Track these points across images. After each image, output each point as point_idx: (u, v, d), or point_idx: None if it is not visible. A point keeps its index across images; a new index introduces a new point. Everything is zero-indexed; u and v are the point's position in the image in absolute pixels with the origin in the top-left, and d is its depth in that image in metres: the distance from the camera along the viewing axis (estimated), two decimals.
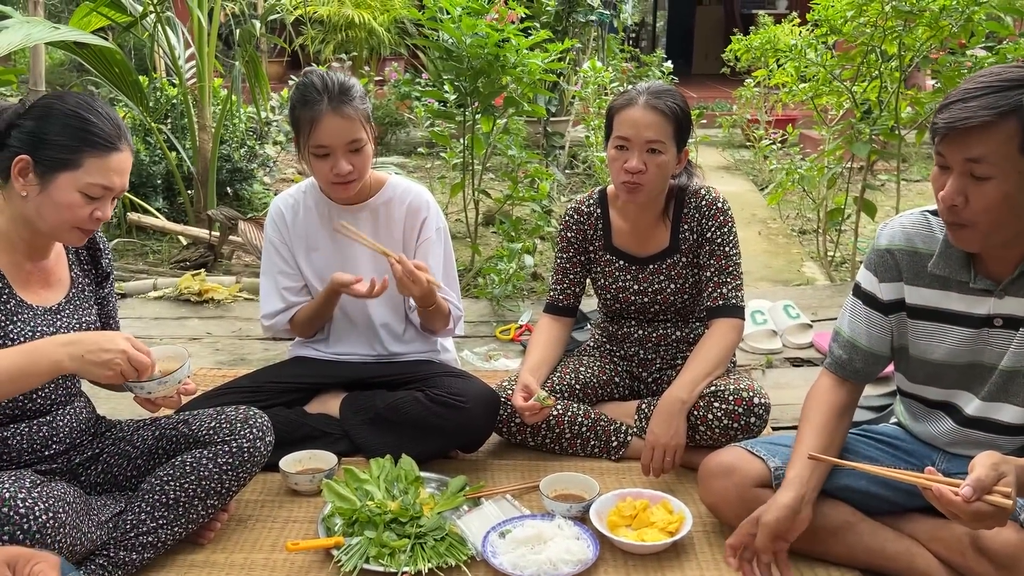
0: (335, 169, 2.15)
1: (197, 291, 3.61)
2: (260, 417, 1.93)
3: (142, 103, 4.12)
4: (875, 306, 1.79)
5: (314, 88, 2.13)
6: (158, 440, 1.90)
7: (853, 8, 3.32)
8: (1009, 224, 1.50)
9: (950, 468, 1.77)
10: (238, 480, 1.87)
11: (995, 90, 1.43)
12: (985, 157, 1.44)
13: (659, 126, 2.15)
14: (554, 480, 2.10)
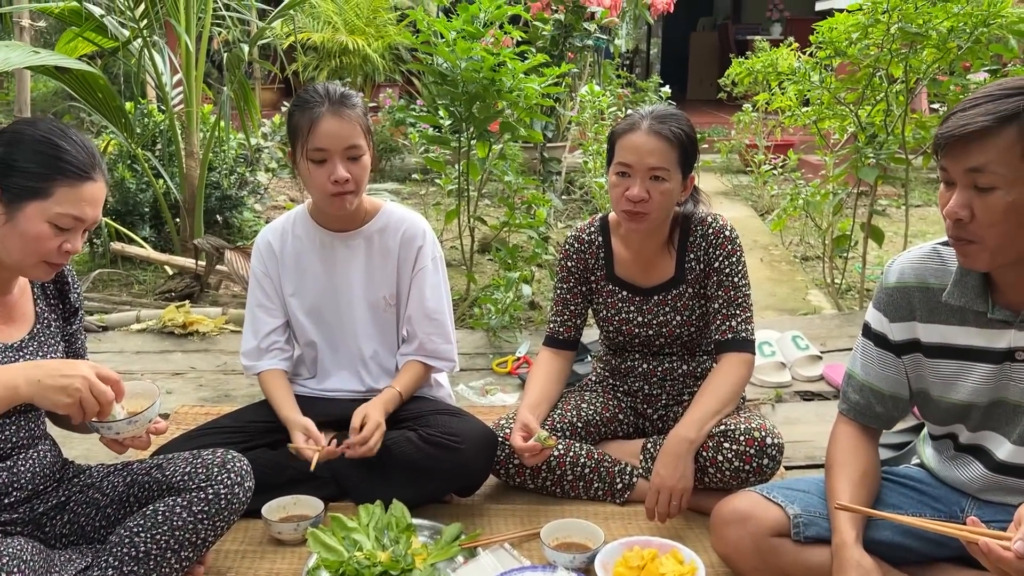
0: (333, 175, 2.05)
1: (181, 323, 3.49)
2: (239, 461, 1.80)
3: (127, 129, 4.02)
4: (887, 347, 1.70)
5: (315, 92, 2.09)
6: (129, 487, 1.77)
7: (858, 30, 3.24)
8: (1018, 238, 1.43)
9: (981, 515, 1.65)
10: (215, 529, 1.73)
11: (995, 98, 1.39)
12: (987, 166, 1.39)
13: (663, 152, 2.04)
14: (556, 527, 1.97)
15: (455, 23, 3.47)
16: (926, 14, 3.14)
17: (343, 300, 2.26)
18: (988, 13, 3.08)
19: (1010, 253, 1.46)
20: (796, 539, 1.70)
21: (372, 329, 2.28)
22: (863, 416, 1.75)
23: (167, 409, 2.83)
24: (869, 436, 1.76)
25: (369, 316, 2.27)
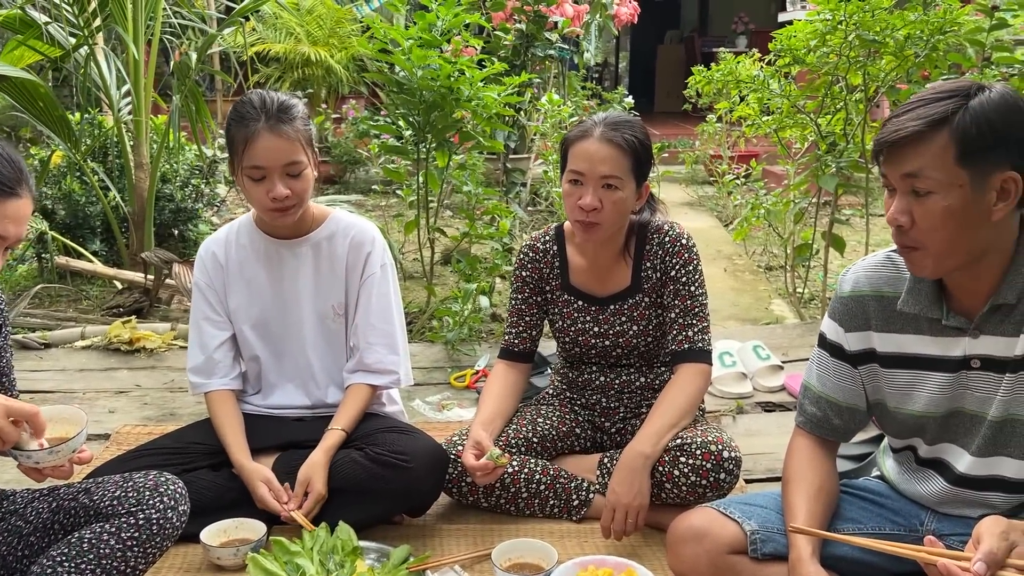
0: (271, 193, 1.97)
1: (128, 339, 3.37)
2: (173, 483, 1.70)
3: (70, 139, 3.89)
4: (843, 358, 1.66)
5: (251, 106, 1.98)
6: (55, 513, 1.67)
7: (816, 37, 3.23)
8: (960, 243, 1.40)
9: (941, 528, 1.63)
10: (146, 557, 1.63)
11: (926, 102, 1.38)
12: (922, 170, 1.38)
13: (615, 160, 1.99)
14: (508, 548, 1.89)
15: (411, 31, 3.41)
16: (883, 22, 3.13)
17: (290, 310, 2.18)
18: (944, 21, 3.08)
19: (955, 257, 1.43)
20: (753, 556, 1.65)
21: (320, 340, 2.20)
22: (820, 429, 1.71)
23: (108, 429, 2.72)
24: (826, 449, 1.71)
25: (317, 327, 2.19)
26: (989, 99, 1.36)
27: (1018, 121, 1.36)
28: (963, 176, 1.36)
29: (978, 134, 1.34)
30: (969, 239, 1.40)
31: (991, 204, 1.38)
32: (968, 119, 1.35)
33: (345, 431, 2.07)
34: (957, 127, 1.35)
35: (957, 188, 1.37)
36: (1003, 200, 1.38)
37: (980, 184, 1.36)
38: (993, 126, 1.35)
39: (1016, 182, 1.37)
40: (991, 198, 1.37)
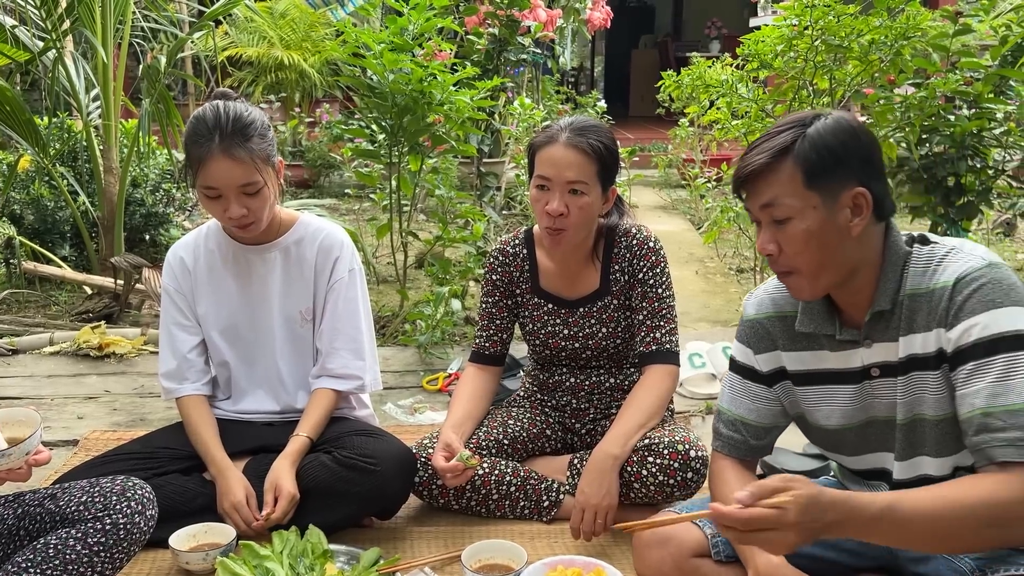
0: (227, 213, 1.97)
1: (97, 345, 3.34)
2: (140, 488, 1.70)
3: (38, 143, 3.85)
4: (756, 379, 1.70)
5: (205, 124, 1.94)
6: (20, 519, 1.65)
7: (783, 42, 3.27)
8: (828, 261, 1.47)
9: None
10: (113, 562, 1.63)
11: (771, 136, 1.46)
12: (776, 199, 1.45)
13: (581, 166, 2.00)
14: (478, 549, 1.90)
15: (382, 35, 3.41)
16: (848, 27, 3.19)
17: (259, 316, 2.17)
18: (907, 27, 3.14)
19: (827, 275, 1.49)
20: (716, 559, 1.68)
21: (289, 345, 2.19)
22: (738, 451, 1.73)
23: (77, 435, 2.69)
24: (748, 466, 1.75)
25: (286, 332, 2.18)
26: (825, 125, 1.44)
27: (853, 142, 1.44)
28: (814, 198, 1.43)
29: (818, 158, 1.42)
30: (835, 256, 1.47)
31: (847, 220, 1.45)
32: (808, 145, 1.43)
33: (310, 438, 2.06)
34: (799, 154, 1.43)
35: (811, 210, 1.44)
36: (857, 215, 1.45)
37: (832, 203, 1.44)
38: (831, 148, 1.43)
39: (865, 196, 1.44)
40: (846, 215, 1.44)
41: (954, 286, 1.42)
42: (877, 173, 1.47)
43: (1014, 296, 1.37)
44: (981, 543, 1.37)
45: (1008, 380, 1.35)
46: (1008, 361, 1.35)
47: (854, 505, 1.29)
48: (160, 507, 1.98)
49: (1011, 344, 1.35)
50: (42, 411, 2.91)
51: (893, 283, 1.48)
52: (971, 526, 1.32)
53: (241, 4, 4.28)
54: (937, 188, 3.98)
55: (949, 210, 4.01)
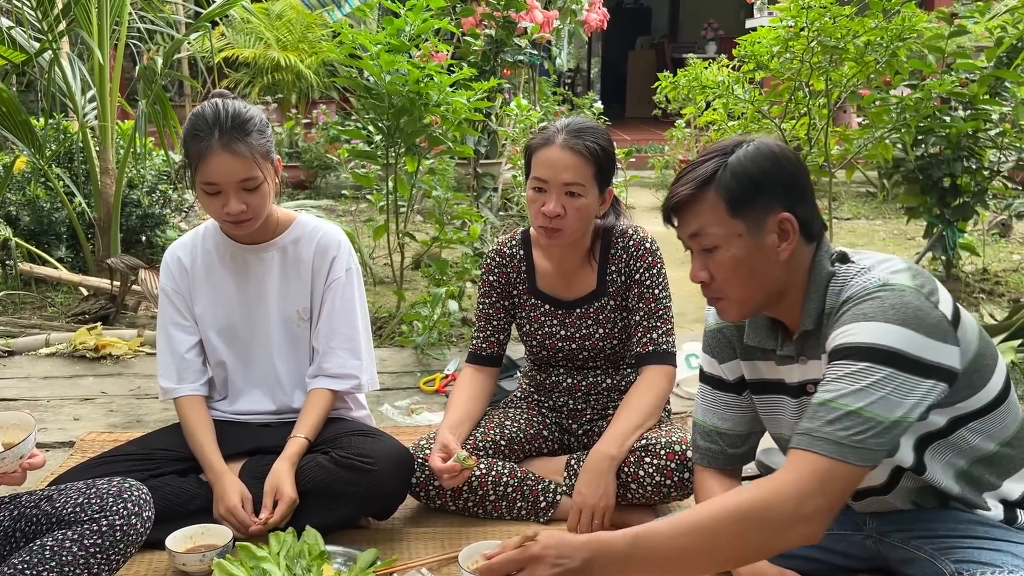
0: (226, 208, 1.97)
1: (93, 346, 3.34)
2: (137, 490, 1.69)
3: (34, 145, 3.85)
4: (724, 388, 1.72)
5: (204, 121, 1.95)
6: (16, 521, 1.65)
7: (779, 43, 3.28)
8: (756, 286, 1.50)
9: (880, 527, 1.66)
10: (109, 564, 1.62)
11: (695, 166, 1.49)
12: (702, 229, 1.48)
13: (577, 168, 2.01)
14: (475, 550, 1.89)
15: (379, 36, 3.42)
16: (844, 29, 3.20)
17: (256, 316, 2.17)
18: (903, 28, 3.15)
19: (755, 300, 1.52)
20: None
21: (286, 345, 2.19)
22: (718, 461, 1.75)
23: (73, 436, 2.69)
24: (731, 474, 1.77)
25: (283, 332, 2.18)
26: (746, 153, 1.47)
27: (774, 168, 1.46)
28: (739, 226, 1.46)
29: (740, 186, 1.45)
30: (763, 281, 1.49)
31: (774, 245, 1.47)
32: (729, 174, 1.45)
33: (307, 439, 2.06)
34: (721, 183, 1.46)
35: (737, 238, 1.47)
36: (784, 240, 1.47)
37: (757, 230, 1.46)
38: (751, 176, 1.45)
39: (790, 221, 1.46)
40: (773, 240, 1.47)
41: (842, 304, 1.45)
42: (802, 196, 1.48)
43: (891, 315, 1.36)
44: (748, 551, 1.37)
45: (852, 384, 1.35)
46: (859, 369, 1.35)
47: (603, 541, 1.32)
48: (157, 508, 1.98)
49: (866, 354, 1.35)
50: (38, 413, 2.91)
51: (816, 303, 1.50)
52: (726, 535, 1.32)
53: (238, 5, 4.28)
54: (933, 189, 4.00)
55: (945, 211, 4.04)
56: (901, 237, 5.89)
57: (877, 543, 1.65)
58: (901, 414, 1.33)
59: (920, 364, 1.35)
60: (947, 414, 1.46)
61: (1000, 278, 4.61)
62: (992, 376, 1.47)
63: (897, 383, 1.33)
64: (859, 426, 1.32)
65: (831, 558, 1.71)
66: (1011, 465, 1.53)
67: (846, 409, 1.33)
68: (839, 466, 1.31)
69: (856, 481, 1.34)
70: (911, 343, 1.34)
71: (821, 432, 1.33)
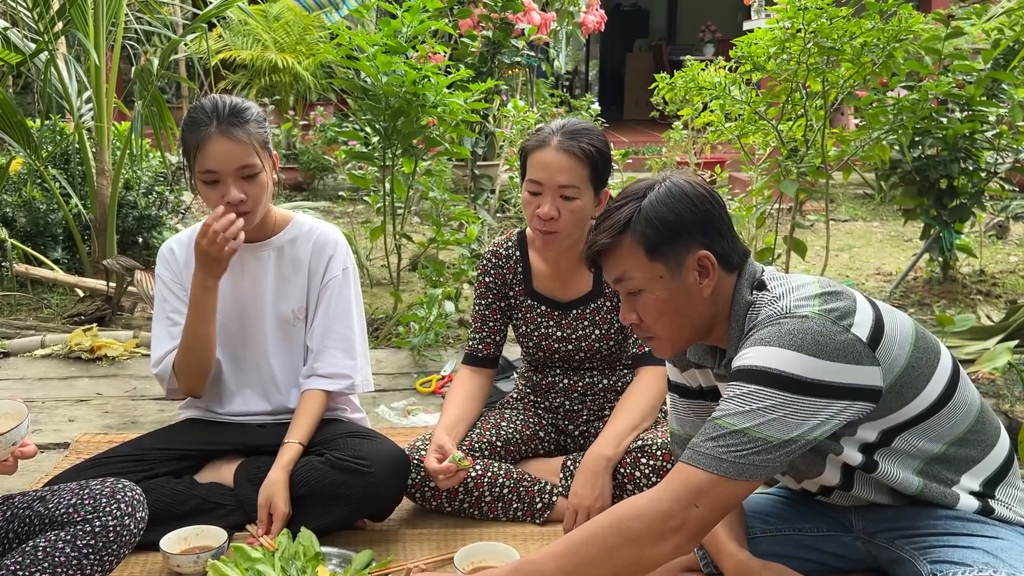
0: (226, 197, 1.97)
1: (89, 347, 3.33)
2: (130, 490, 1.69)
3: (30, 146, 3.84)
4: (690, 395, 1.74)
5: (202, 110, 1.97)
6: (9, 522, 1.64)
7: (776, 44, 3.28)
8: (684, 323, 1.53)
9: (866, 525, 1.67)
10: (103, 565, 1.61)
11: (613, 211, 1.51)
12: (624, 274, 1.51)
13: (572, 170, 2.00)
14: (470, 552, 1.89)
15: (375, 37, 3.41)
16: (841, 30, 3.20)
17: (251, 315, 2.16)
18: (899, 29, 3.15)
19: (685, 336, 1.56)
20: (706, 571, 1.71)
21: (281, 345, 2.18)
22: None
23: (68, 438, 2.68)
24: None
25: (278, 332, 2.17)
26: (658, 196, 1.49)
27: (686, 208, 1.49)
28: (660, 268, 1.49)
29: (654, 231, 1.48)
30: (690, 318, 1.53)
31: (696, 283, 1.50)
32: (643, 220, 1.48)
33: (301, 444, 2.05)
34: (636, 230, 1.48)
35: (659, 280, 1.49)
36: (705, 277, 1.50)
37: (677, 270, 1.49)
38: (664, 220, 1.48)
39: (709, 259, 1.49)
40: (693, 278, 1.50)
41: (748, 331, 1.49)
42: (718, 232, 1.51)
43: (787, 340, 1.40)
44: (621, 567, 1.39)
45: (740, 405, 1.39)
46: (749, 391, 1.39)
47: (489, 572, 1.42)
48: (151, 510, 1.97)
49: (756, 377, 1.40)
50: (33, 414, 2.88)
51: (737, 332, 1.53)
52: (598, 551, 1.37)
53: (235, 6, 4.28)
54: (930, 190, 4.00)
55: (942, 212, 4.04)
56: (898, 239, 5.89)
57: (866, 544, 1.65)
58: (796, 434, 1.37)
59: (823, 387, 1.38)
60: (877, 427, 1.48)
61: (997, 279, 4.61)
62: (927, 385, 1.48)
63: (794, 407, 1.37)
64: (743, 445, 1.36)
65: (824, 559, 1.72)
66: (965, 462, 1.55)
67: (731, 428, 1.37)
68: (716, 480, 1.35)
69: (739, 495, 1.39)
70: (808, 367, 1.38)
71: (703, 447, 1.38)
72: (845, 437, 1.47)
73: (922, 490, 1.52)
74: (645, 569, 1.41)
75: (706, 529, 1.40)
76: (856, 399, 1.40)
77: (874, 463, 1.51)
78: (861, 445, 1.50)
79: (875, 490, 1.59)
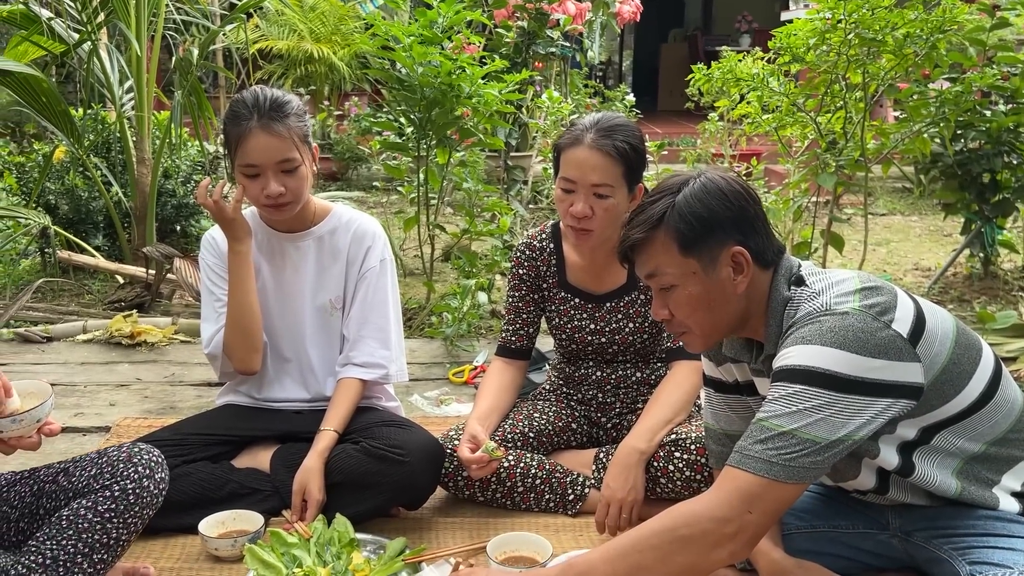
0: (266, 190, 2.00)
1: (129, 333, 3.39)
2: (147, 453, 1.69)
3: (73, 134, 3.91)
4: (726, 389, 1.73)
5: (244, 104, 2.00)
6: (37, 497, 1.67)
7: (816, 35, 3.24)
8: (717, 319, 1.52)
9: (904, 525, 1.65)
10: (127, 527, 1.63)
11: (645, 207, 1.51)
12: (657, 269, 1.51)
13: (606, 169, 1.98)
14: (503, 541, 1.90)
15: (412, 28, 3.42)
16: (883, 20, 3.14)
17: (290, 304, 2.19)
18: (943, 20, 3.09)
19: (718, 331, 1.55)
20: (741, 568, 1.71)
21: (319, 334, 2.21)
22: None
23: (108, 422, 2.74)
24: None
25: (317, 320, 2.20)
26: (693, 191, 1.48)
27: (721, 204, 1.47)
28: (693, 264, 1.48)
29: (688, 227, 1.47)
30: (722, 314, 1.52)
31: (730, 279, 1.49)
32: (677, 216, 1.47)
33: (336, 431, 2.07)
34: (669, 225, 1.48)
35: (692, 276, 1.49)
36: (739, 273, 1.49)
37: (711, 266, 1.48)
38: (699, 215, 1.47)
39: (743, 255, 1.48)
40: (727, 273, 1.48)
41: (788, 329, 1.47)
42: (752, 228, 1.49)
43: (829, 338, 1.38)
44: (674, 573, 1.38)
45: (786, 406, 1.37)
46: (794, 391, 1.38)
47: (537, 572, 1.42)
48: (189, 494, 2.02)
49: (800, 377, 1.38)
50: (75, 398, 2.97)
51: (775, 328, 1.51)
52: (652, 557, 1.36)
53: None
54: (972, 185, 3.93)
55: (984, 207, 3.97)
56: (938, 234, 5.79)
57: (903, 542, 1.64)
58: (843, 434, 1.35)
59: (867, 384, 1.36)
60: (917, 424, 1.47)
61: None
62: (968, 383, 1.46)
63: (839, 406, 1.36)
64: (792, 446, 1.34)
65: (859, 556, 1.70)
66: (1006, 461, 1.53)
67: (779, 430, 1.36)
68: (767, 484, 1.34)
69: (790, 499, 1.38)
70: (851, 365, 1.36)
71: (752, 451, 1.36)
72: (884, 435, 1.46)
73: (960, 493, 1.50)
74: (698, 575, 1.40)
75: (761, 534, 1.38)
76: (899, 396, 1.39)
77: (911, 466, 1.49)
78: (900, 444, 1.48)
79: (911, 493, 1.57)
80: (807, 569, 1.59)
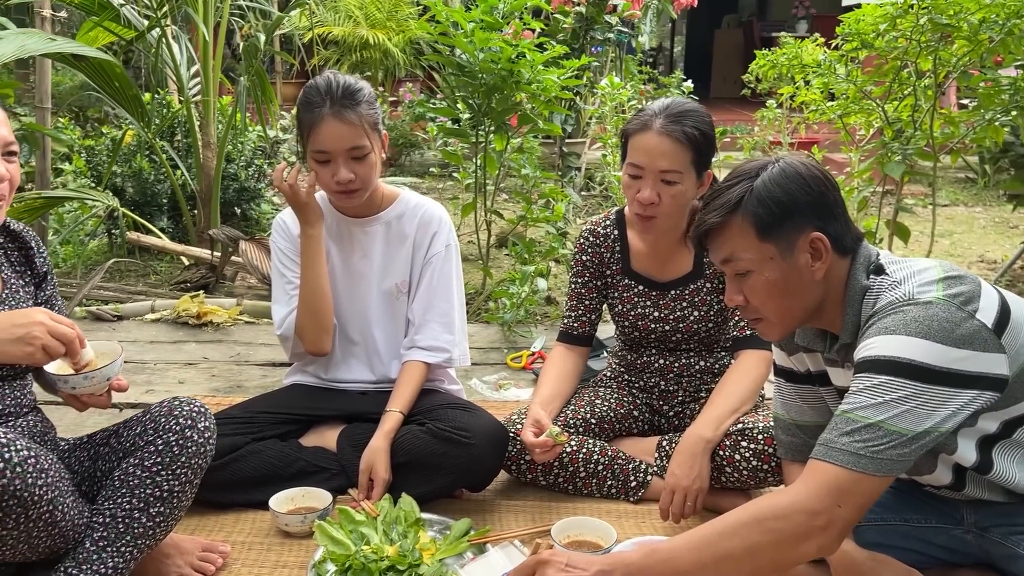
0: (336, 176, 2.03)
1: (195, 314, 3.48)
2: (188, 404, 1.71)
3: (143, 118, 4.01)
4: (797, 379, 1.71)
5: (317, 91, 2.03)
6: (94, 460, 1.74)
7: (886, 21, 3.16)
8: (794, 306, 1.50)
9: (980, 520, 1.63)
10: (177, 478, 1.65)
11: (722, 191, 1.49)
12: (733, 254, 1.49)
13: (675, 155, 1.97)
14: (567, 525, 1.92)
15: (473, 13, 3.43)
16: (957, 5, 3.05)
17: (358, 287, 2.23)
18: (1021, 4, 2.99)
19: (794, 319, 1.52)
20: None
21: (385, 316, 2.24)
22: (802, 453, 1.70)
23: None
24: None
25: (383, 303, 2.24)
26: (771, 176, 1.45)
27: (800, 189, 1.44)
28: (770, 250, 1.45)
29: (766, 211, 1.45)
30: (800, 300, 1.50)
31: (808, 265, 1.46)
32: (755, 200, 1.45)
33: (402, 413, 2.10)
34: (747, 209, 1.46)
35: (769, 261, 1.47)
36: (817, 259, 1.46)
37: (789, 252, 1.46)
38: (777, 200, 1.45)
39: (822, 240, 1.45)
40: (805, 260, 1.46)
41: (869, 318, 1.44)
42: (831, 214, 1.47)
43: (914, 328, 1.35)
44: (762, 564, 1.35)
45: (872, 397, 1.35)
46: (879, 383, 1.35)
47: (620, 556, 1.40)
48: (260, 471, 2.07)
49: (885, 367, 1.35)
50: (145, 375, 3.05)
51: (852, 317, 1.49)
52: (739, 548, 1.33)
53: None
54: None
55: None
56: (1003, 225, 5.63)
57: (978, 538, 1.61)
58: (929, 425, 1.33)
59: (952, 375, 1.34)
60: (998, 418, 1.44)
61: None
62: None
63: (925, 396, 1.33)
64: (879, 438, 1.32)
65: (931, 550, 1.68)
66: None
67: (865, 422, 1.33)
68: (856, 477, 1.32)
69: (878, 491, 1.35)
70: (937, 355, 1.34)
71: (838, 443, 1.34)
72: (964, 429, 1.43)
73: None
74: (783, 569, 1.39)
75: (849, 528, 1.37)
76: (984, 388, 1.36)
77: (989, 463, 1.47)
78: (979, 439, 1.45)
79: (988, 490, 1.55)
80: (880, 561, 1.57)
